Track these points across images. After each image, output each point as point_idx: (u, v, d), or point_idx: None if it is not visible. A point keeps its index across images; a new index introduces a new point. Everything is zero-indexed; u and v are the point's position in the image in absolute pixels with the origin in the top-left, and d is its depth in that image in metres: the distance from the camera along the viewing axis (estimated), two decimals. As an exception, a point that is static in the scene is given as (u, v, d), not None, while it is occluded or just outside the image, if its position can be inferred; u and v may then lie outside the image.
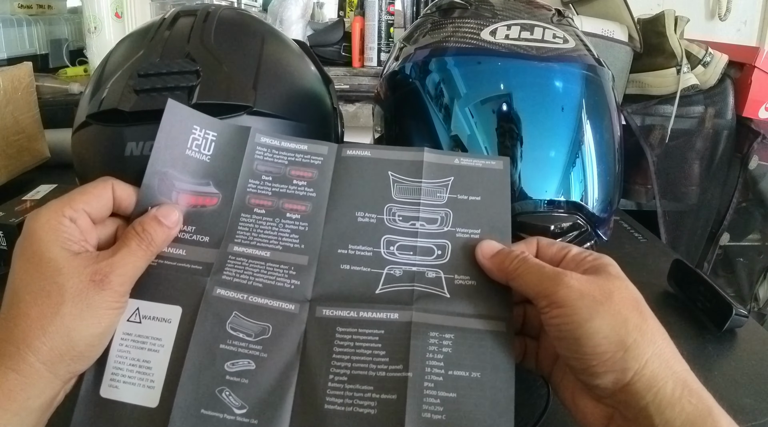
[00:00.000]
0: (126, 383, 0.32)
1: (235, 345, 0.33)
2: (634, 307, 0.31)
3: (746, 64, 1.08)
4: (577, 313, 0.30)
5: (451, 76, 0.48)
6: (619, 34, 1.04)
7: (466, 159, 0.39)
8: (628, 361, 0.29)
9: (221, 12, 0.45)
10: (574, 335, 0.30)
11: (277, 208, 0.37)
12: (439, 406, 0.31)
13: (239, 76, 0.40)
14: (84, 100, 0.42)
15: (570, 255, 0.35)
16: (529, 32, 0.48)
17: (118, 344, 0.32)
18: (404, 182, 0.38)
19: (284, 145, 0.39)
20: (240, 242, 0.36)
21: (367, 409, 0.31)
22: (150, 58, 0.40)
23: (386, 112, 0.55)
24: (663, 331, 0.31)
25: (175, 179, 0.36)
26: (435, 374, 0.32)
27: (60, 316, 0.29)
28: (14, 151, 0.80)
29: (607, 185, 0.49)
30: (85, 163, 0.42)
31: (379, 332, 0.33)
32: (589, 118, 0.48)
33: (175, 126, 0.36)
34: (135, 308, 0.33)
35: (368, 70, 1.19)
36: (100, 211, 0.33)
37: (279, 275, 0.35)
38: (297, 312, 0.34)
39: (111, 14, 1.13)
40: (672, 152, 1.08)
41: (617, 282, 0.32)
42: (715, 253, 1.18)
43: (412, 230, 0.37)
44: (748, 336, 0.55)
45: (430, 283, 0.35)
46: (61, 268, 0.30)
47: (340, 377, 0.32)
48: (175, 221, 0.34)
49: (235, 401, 0.31)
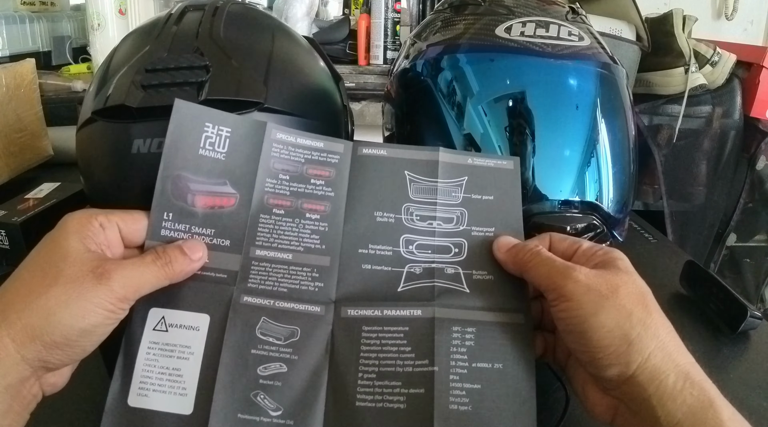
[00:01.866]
0: (156, 391, 0.31)
1: (266, 349, 0.33)
2: (639, 301, 0.31)
3: (754, 64, 1.07)
4: (583, 307, 0.31)
5: (463, 74, 0.47)
6: (627, 33, 1.03)
7: (478, 159, 0.40)
8: (631, 354, 0.30)
9: (230, 6, 0.44)
10: (580, 329, 0.31)
11: (297, 209, 0.37)
12: (465, 397, 0.32)
13: (250, 72, 0.39)
14: (89, 97, 0.41)
15: (581, 249, 0.35)
16: (545, 29, 0.47)
17: (144, 352, 0.32)
18: (421, 182, 0.39)
19: (300, 142, 0.38)
20: (261, 244, 0.36)
21: (396, 404, 0.32)
22: (157, 54, 0.39)
23: (397, 110, 0.54)
24: (668, 324, 0.32)
25: (190, 181, 0.35)
26: (460, 367, 0.33)
27: (46, 296, 0.28)
28: (17, 149, 0.79)
29: (622, 185, 0.48)
30: (90, 160, 0.41)
31: (403, 329, 0.34)
32: (604, 117, 0.47)
33: (185, 126, 0.35)
34: (160, 316, 0.33)
35: (374, 68, 1.18)
36: (132, 233, 0.33)
37: (302, 278, 0.35)
38: (323, 314, 0.35)
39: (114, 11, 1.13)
40: (679, 152, 1.07)
41: (624, 276, 0.32)
42: (721, 253, 1.18)
43: (430, 230, 0.38)
44: (763, 338, 0.54)
45: (449, 279, 0.36)
46: (68, 255, 0.29)
47: (369, 374, 0.33)
48: (199, 257, 0.33)
49: (270, 403, 0.32)
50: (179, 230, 0.34)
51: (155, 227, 0.34)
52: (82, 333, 0.29)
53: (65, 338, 0.28)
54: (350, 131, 0.51)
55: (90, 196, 0.42)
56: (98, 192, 0.41)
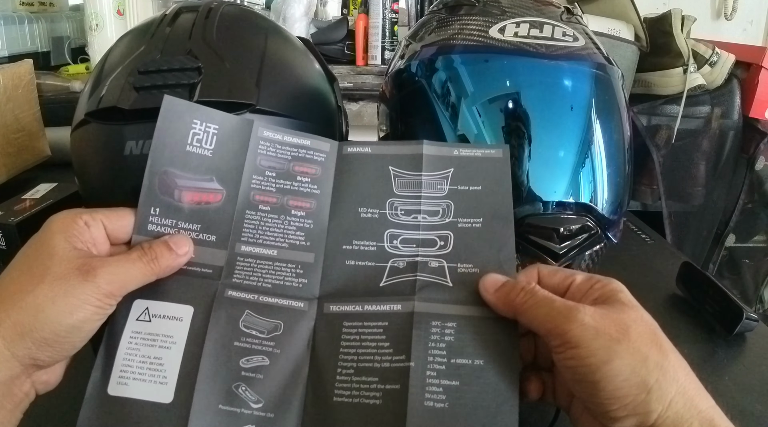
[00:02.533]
0: (136, 380, 0.31)
1: (249, 342, 0.33)
2: (652, 341, 0.29)
3: (753, 65, 1.07)
4: (594, 354, 0.28)
5: (458, 75, 0.47)
6: (625, 33, 1.03)
7: (465, 149, 0.39)
8: (651, 403, 0.28)
9: (224, 8, 0.44)
10: (592, 379, 0.28)
11: (282, 206, 0.37)
12: (442, 394, 0.32)
13: (242, 74, 0.39)
14: (83, 98, 0.41)
15: (576, 284, 0.33)
16: (539, 30, 0.47)
17: (126, 342, 0.32)
18: (405, 176, 0.38)
19: (287, 140, 0.38)
20: (247, 240, 0.36)
21: (372, 400, 0.32)
22: (151, 55, 0.39)
23: (392, 111, 0.54)
24: (684, 365, 0.29)
25: (177, 177, 0.35)
26: (437, 362, 0.32)
27: (34, 294, 0.28)
28: (14, 150, 0.79)
29: (617, 186, 0.48)
30: (84, 161, 0.41)
31: (383, 324, 0.34)
32: (599, 118, 0.47)
33: (173, 123, 0.35)
34: (144, 307, 0.33)
35: (372, 69, 1.18)
36: (118, 230, 0.33)
37: (287, 274, 0.35)
38: (306, 309, 0.35)
39: (113, 11, 1.13)
40: (678, 153, 1.07)
41: (632, 313, 0.30)
42: (720, 254, 1.17)
43: (414, 223, 0.37)
44: (759, 340, 0.54)
45: (432, 272, 0.36)
46: (55, 254, 0.30)
47: (348, 370, 0.33)
48: (185, 251, 0.33)
49: (251, 396, 0.32)
50: (166, 225, 0.35)
51: (142, 221, 0.34)
52: (71, 329, 0.29)
53: (54, 334, 0.29)
54: (345, 132, 0.51)
55: (84, 197, 0.42)
56: (92, 193, 0.41)
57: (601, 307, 0.30)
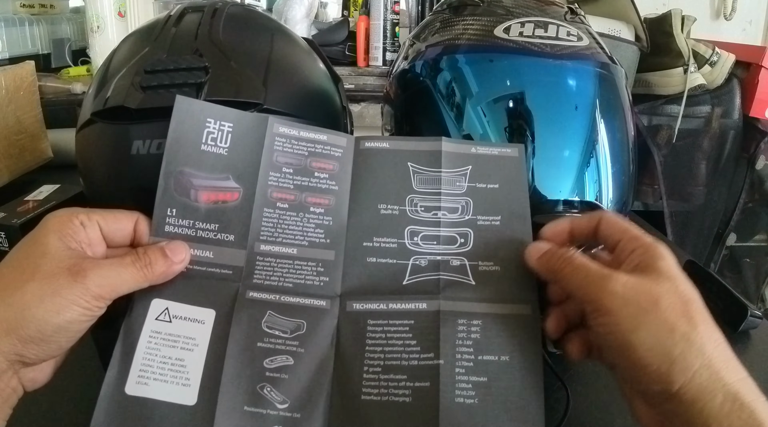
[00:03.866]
0: (157, 381, 0.31)
1: (272, 342, 0.33)
2: (682, 312, 0.29)
3: (753, 64, 1.07)
4: (622, 322, 0.29)
5: (462, 75, 0.47)
6: (625, 33, 1.03)
7: (482, 147, 0.40)
8: (673, 374, 0.28)
9: (229, 8, 0.44)
10: (619, 346, 0.29)
11: (300, 203, 0.37)
12: (471, 390, 0.32)
13: (249, 73, 0.39)
14: (88, 98, 0.41)
15: (625, 240, 0.33)
16: (543, 29, 0.47)
17: (146, 341, 0.32)
18: (424, 173, 0.38)
19: (303, 135, 0.38)
20: (266, 239, 0.36)
21: (402, 397, 0.32)
22: (157, 55, 0.39)
23: (396, 111, 0.54)
24: (716, 336, 0.29)
25: (192, 177, 0.35)
26: (465, 359, 0.33)
27: (22, 291, 0.28)
28: (16, 151, 0.79)
29: (621, 185, 0.48)
30: (89, 162, 0.41)
31: (409, 323, 0.34)
32: (603, 117, 0.47)
33: (186, 122, 0.35)
34: (164, 307, 0.33)
35: (373, 70, 1.18)
36: (114, 233, 0.33)
37: (308, 272, 0.35)
38: (329, 308, 0.35)
39: (114, 13, 1.13)
40: (679, 152, 1.07)
41: (666, 284, 0.30)
42: (721, 253, 1.18)
43: (435, 220, 0.37)
44: (763, 337, 0.54)
45: (455, 271, 0.36)
46: (47, 252, 0.29)
47: (375, 368, 0.33)
48: (181, 258, 0.33)
49: (276, 396, 0.32)
50: (183, 226, 0.34)
51: (159, 223, 0.34)
52: (57, 329, 0.29)
53: (40, 333, 0.28)
54: (350, 133, 0.51)
55: (89, 197, 0.42)
56: (97, 193, 0.41)
57: (637, 275, 0.31)
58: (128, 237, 0.34)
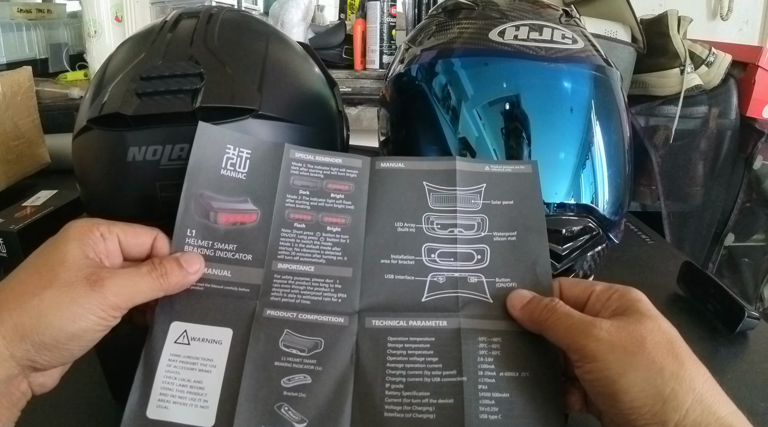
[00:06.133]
0: (177, 404, 0.31)
1: (290, 361, 0.33)
2: (668, 351, 0.29)
3: (749, 64, 1.07)
4: (610, 367, 0.29)
5: (458, 78, 0.47)
6: (622, 34, 1.03)
7: (496, 166, 0.40)
8: (667, 412, 0.28)
9: (224, 14, 0.44)
10: (610, 391, 0.29)
11: (317, 222, 0.38)
12: (495, 406, 0.32)
13: (244, 79, 0.39)
14: (84, 105, 0.41)
15: (595, 294, 0.34)
16: (538, 33, 0.47)
17: (165, 365, 0.32)
18: (440, 191, 0.39)
19: (319, 160, 0.39)
20: (283, 258, 0.36)
21: (426, 414, 0.32)
22: (152, 61, 0.39)
23: (392, 115, 0.55)
24: (703, 372, 0.30)
25: (212, 199, 0.36)
26: (487, 376, 0.33)
27: (39, 297, 0.28)
28: (14, 157, 0.79)
29: (617, 187, 0.48)
30: (86, 168, 0.41)
31: (429, 340, 0.34)
32: (599, 119, 0.47)
33: (207, 147, 0.36)
34: (183, 330, 0.33)
35: (370, 73, 1.18)
36: (132, 247, 0.33)
37: (325, 289, 0.36)
38: (347, 325, 0.35)
39: (111, 18, 1.13)
40: (676, 153, 1.07)
41: (648, 324, 0.30)
42: (719, 253, 1.18)
43: (451, 237, 0.38)
44: (761, 338, 0.54)
45: (473, 288, 0.36)
46: (66, 260, 0.30)
47: (397, 385, 0.33)
48: (196, 269, 0.33)
49: (294, 415, 0.32)
50: (202, 246, 0.35)
51: (179, 243, 0.35)
52: (72, 337, 0.29)
53: (54, 340, 0.29)
54: (345, 136, 0.51)
55: (86, 203, 0.42)
56: (94, 200, 0.41)
57: (619, 319, 0.31)
58: (145, 252, 0.34)
